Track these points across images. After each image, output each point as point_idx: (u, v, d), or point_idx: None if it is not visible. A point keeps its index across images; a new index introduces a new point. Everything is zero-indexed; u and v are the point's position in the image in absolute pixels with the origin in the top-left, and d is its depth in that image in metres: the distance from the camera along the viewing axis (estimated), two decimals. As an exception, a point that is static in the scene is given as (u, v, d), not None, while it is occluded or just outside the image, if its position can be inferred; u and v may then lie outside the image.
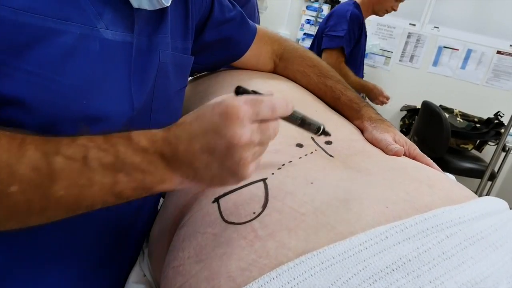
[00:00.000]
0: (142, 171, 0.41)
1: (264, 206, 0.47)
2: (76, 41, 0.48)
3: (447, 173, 0.71)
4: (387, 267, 0.38)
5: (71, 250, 0.58)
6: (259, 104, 0.40)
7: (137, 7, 0.53)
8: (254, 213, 0.47)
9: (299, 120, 0.50)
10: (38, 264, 0.56)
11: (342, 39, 2.16)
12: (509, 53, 3.05)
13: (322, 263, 0.38)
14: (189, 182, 0.43)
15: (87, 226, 0.58)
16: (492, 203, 0.50)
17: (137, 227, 0.68)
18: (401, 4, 2.31)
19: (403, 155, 0.64)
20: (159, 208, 0.75)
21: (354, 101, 0.80)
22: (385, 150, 0.64)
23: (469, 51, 3.15)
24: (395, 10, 2.30)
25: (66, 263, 0.58)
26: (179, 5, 0.67)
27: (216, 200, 0.52)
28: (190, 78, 1.03)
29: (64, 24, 0.47)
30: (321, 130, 0.52)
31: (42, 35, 0.45)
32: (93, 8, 0.50)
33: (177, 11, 0.67)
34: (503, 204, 0.52)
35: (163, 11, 0.61)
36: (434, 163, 0.65)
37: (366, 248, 0.40)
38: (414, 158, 0.65)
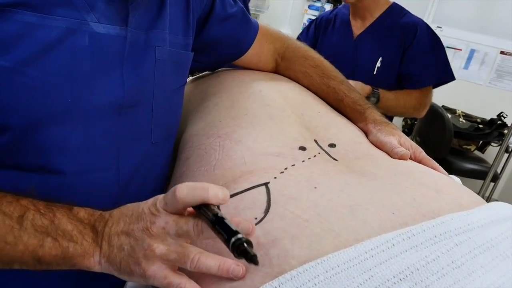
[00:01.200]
0: (70, 238, 0.42)
1: (266, 211, 0.46)
2: (61, 35, 0.47)
3: (452, 176, 0.70)
4: (394, 277, 0.37)
5: None
6: (168, 193, 0.41)
7: None
8: (255, 218, 0.45)
9: (212, 217, 0.38)
10: (32, 272, 0.55)
11: None
12: (513, 54, 3.03)
13: (327, 271, 0.37)
14: (105, 263, 0.43)
15: None
16: (501, 209, 0.49)
17: None
18: (404, 4, 2.27)
19: (409, 158, 0.63)
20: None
21: (358, 103, 0.78)
22: (391, 154, 0.63)
23: (472, 51, 3.13)
24: None
25: (64, 272, 0.57)
26: (180, 1, 0.66)
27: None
28: (190, 77, 1.01)
29: (47, 19, 0.45)
30: (234, 244, 0.36)
31: (23, 31, 0.44)
32: (84, 1, 0.49)
33: (177, 7, 0.65)
34: (512, 209, 0.51)
35: (160, 5, 0.60)
36: (440, 167, 0.63)
37: (372, 256, 0.38)
38: (420, 162, 0.64)
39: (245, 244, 0.36)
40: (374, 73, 1.52)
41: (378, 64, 1.52)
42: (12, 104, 0.45)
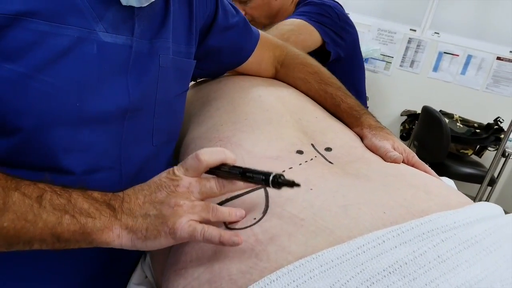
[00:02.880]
0: (88, 215, 0.44)
1: (265, 212, 0.48)
2: (72, 44, 0.49)
3: (445, 178, 0.72)
4: (384, 270, 0.39)
5: (69, 256, 0.58)
6: (186, 161, 0.48)
7: (125, 4, 0.54)
8: (254, 218, 0.48)
9: (238, 172, 0.46)
10: (37, 271, 0.57)
11: None
12: (509, 59, 3.06)
13: (321, 266, 0.40)
14: (127, 234, 0.46)
15: None
16: (487, 208, 0.51)
17: None
18: (402, 10, 2.30)
19: (402, 162, 0.66)
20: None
21: (354, 108, 0.81)
22: (384, 157, 0.65)
23: (469, 57, 3.16)
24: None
25: (71, 267, 0.60)
26: (183, 9, 0.69)
27: (218, 205, 0.53)
28: (192, 83, 1.04)
29: (60, 28, 0.48)
30: (271, 179, 0.43)
31: (37, 39, 0.46)
32: (93, 11, 0.51)
33: (181, 17, 0.68)
34: (498, 209, 0.53)
35: (164, 15, 0.62)
36: (432, 170, 0.66)
37: (364, 252, 0.41)
38: (412, 165, 0.66)
39: (281, 177, 0.43)
40: None
41: None
42: (25, 108, 0.47)
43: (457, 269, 0.40)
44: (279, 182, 0.43)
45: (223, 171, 0.48)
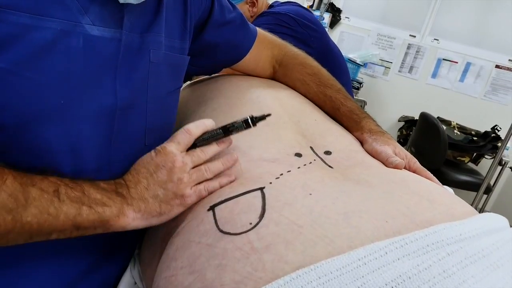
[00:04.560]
0: (103, 204, 0.49)
1: (261, 216, 0.46)
2: (55, 37, 0.46)
3: (445, 186, 0.70)
4: (386, 284, 0.37)
5: (57, 256, 0.56)
6: (176, 136, 0.55)
7: (123, 2, 0.52)
8: (250, 223, 0.45)
9: (220, 131, 0.56)
10: (23, 269, 0.54)
11: None
12: (508, 68, 3.06)
13: (319, 277, 0.37)
14: (141, 216, 0.51)
15: None
16: (493, 220, 0.49)
17: (130, 234, 0.66)
18: (402, 15, 2.29)
19: (403, 168, 0.64)
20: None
21: (354, 112, 0.79)
22: (386, 163, 0.63)
23: (468, 64, 3.16)
24: None
25: (52, 270, 0.57)
26: (177, 3, 0.66)
27: (212, 208, 0.50)
28: (188, 82, 1.02)
29: (42, 20, 0.45)
30: (250, 120, 0.54)
31: (18, 32, 0.44)
32: (78, 3, 0.48)
33: (174, 11, 0.65)
34: (504, 221, 0.51)
35: (156, 8, 0.60)
36: (434, 177, 0.64)
37: (365, 264, 0.39)
38: (414, 172, 0.64)
39: (255, 116, 0.55)
40: None
41: None
42: (6, 104, 0.45)
43: (463, 285, 0.38)
44: (255, 118, 0.54)
45: (206, 139, 0.56)
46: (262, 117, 0.54)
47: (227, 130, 0.55)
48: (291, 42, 1.05)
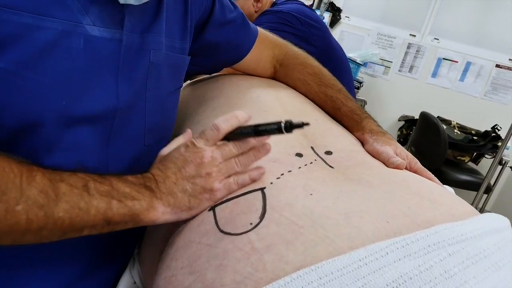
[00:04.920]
0: (132, 198, 0.47)
1: (262, 217, 0.46)
2: (56, 37, 0.46)
3: (446, 186, 0.70)
4: (387, 285, 0.37)
5: (55, 257, 0.56)
6: (204, 132, 0.52)
7: (123, 2, 0.52)
8: (251, 223, 0.45)
9: (251, 131, 0.52)
10: (23, 269, 0.54)
11: None
12: (508, 67, 3.06)
13: (320, 278, 0.37)
14: (171, 210, 0.50)
15: None
16: (495, 220, 0.49)
17: (131, 234, 0.66)
18: (402, 15, 2.29)
19: (404, 168, 0.63)
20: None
21: (355, 112, 0.79)
22: (387, 163, 0.63)
23: (468, 64, 3.16)
24: None
25: (50, 271, 0.57)
26: (178, 4, 0.66)
27: (212, 208, 0.50)
28: (188, 81, 1.02)
29: (43, 20, 0.45)
30: (283, 125, 0.48)
31: (19, 32, 0.44)
32: (78, 3, 0.48)
33: (175, 11, 0.65)
34: (505, 221, 0.51)
35: (157, 9, 0.60)
36: (435, 178, 0.64)
37: (366, 264, 0.38)
38: (415, 172, 0.64)
39: (291, 122, 0.48)
40: None
41: None
42: (7, 105, 0.45)
43: (465, 285, 0.38)
44: (291, 125, 0.48)
45: (237, 134, 0.52)
46: (300, 125, 0.48)
47: (258, 132, 0.51)
48: (293, 41, 1.05)
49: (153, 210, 0.48)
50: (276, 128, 0.49)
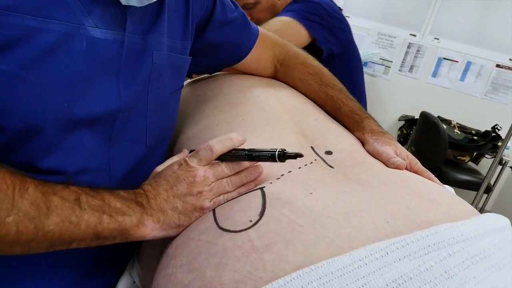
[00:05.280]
0: (123, 213, 0.48)
1: (261, 214, 0.46)
2: (59, 40, 0.46)
3: (446, 186, 0.70)
4: (387, 285, 0.37)
5: (54, 260, 0.56)
6: (198, 152, 0.53)
7: (125, 4, 0.52)
8: (250, 221, 0.45)
9: (245, 155, 0.53)
10: (24, 271, 0.54)
11: None
12: (508, 67, 3.05)
13: (320, 278, 0.37)
14: (160, 227, 0.50)
15: None
16: (495, 220, 0.49)
17: None
18: (402, 14, 2.27)
19: (405, 169, 0.63)
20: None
21: (355, 112, 0.78)
22: (387, 163, 0.63)
23: (468, 64, 3.15)
24: None
25: (50, 275, 0.56)
26: (179, 4, 0.66)
27: (212, 206, 0.50)
28: (188, 80, 1.01)
29: (46, 22, 0.45)
30: (280, 155, 0.50)
31: (22, 35, 0.43)
32: (81, 5, 0.48)
33: (176, 11, 0.65)
34: (506, 221, 0.51)
35: (159, 9, 0.59)
36: (435, 178, 0.64)
37: (366, 264, 0.38)
38: (415, 172, 0.64)
39: (285, 150, 0.51)
40: None
41: None
42: (9, 108, 0.45)
43: (465, 286, 0.38)
44: (285, 155, 0.50)
45: (231, 156, 0.53)
46: (293, 156, 0.50)
47: (251, 157, 0.53)
48: (321, 32, 1.07)
49: (142, 226, 0.49)
50: (269, 156, 0.51)
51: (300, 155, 0.50)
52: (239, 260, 0.41)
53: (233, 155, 0.53)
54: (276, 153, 0.50)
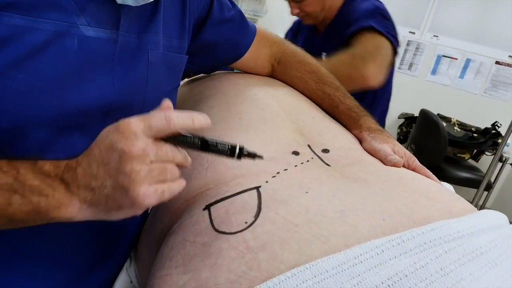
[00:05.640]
0: (39, 193, 0.40)
1: (257, 215, 0.46)
2: (49, 39, 0.46)
3: (444, 183, 0.70)
4: (382, 283, 0.36)
5: (51, 259, 0.56)
6: (150, 117, 0.41)
7: (121, 3, 0.51)
8: (246, 222, 0.45)
9: (198, 142, 0.44)
10: (19, 270, 0.54)
11: None
12: (508, 64, 3.05)
13: (315, 276, 0.37)
14: (87, 208, 0.42)
15: (73, 230, 0.56)
16: (492, 217, 0.49)
17: (127, 233, 0.66)
18: (401, 12, 2.27)
19: (402, 166, 0.63)
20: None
21: (353, 110, 0.78)
22: (384, 161, 0.63)
23: (467, 61, 3.15)
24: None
25: (46, 273, 0.56)
26: (175, 3, 0.65)
27: (207, 207, 0.50)
28: (186, 79, 1.01)
29: (36, 21, 0.45)
30: (237, 151, 0.44)
31: (10, 34, 0.43)
32: (74, 4, 0.48)
33: (173, 9, 0.65)
34: (503, 218, 0.51)
35: (154, 8, 0.59)
36: (433, 175, 0.63)
37: (361, 262, 0.38)
38: (413, 170, 0.64)
39: (243, 149, 0.44)
40: None
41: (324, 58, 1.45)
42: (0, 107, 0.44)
43: (461, 283, 0.37)
44: (242, 153, 0.44)
45: (182, 140, 0.43)
46: (252, 155, 0.45)
47: (206, 146, 0.44)
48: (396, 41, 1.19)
49: (65, 207, 0.41)
50: (226, 150, 0.44)
51: (260, 157, 0.45)
52: (234, 260, 0.41)
53: (185, 140, 0.43)
54: (237, 148, 0.44)
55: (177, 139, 0.43)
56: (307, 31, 1.65)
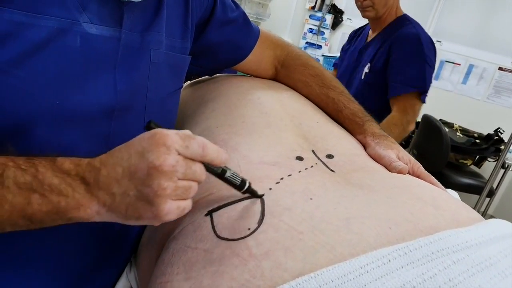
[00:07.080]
0: (59, 193, 0.39)
1: (260, 222, 0.45)
2: (50, 36, 0.45)
3: (450, 190, 0.69)
4: (389, 294, 0.35)
5: (52, 261, 0.55)
6: (190, 139, 0.41)
7: None
8: (249, 229, 0.44)
9: (219, 171, 0.46)
10: (19, 273, 0.53)
11: None
12: (511, 70, 3.04)
13: (320, 286, 0.36)
14: (106, 212, 0.41)
15: (76, 234, 0.55)
16: (500, 226, 0.48)
17: (128, 238, 0.65)
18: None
19: (407, 173, 0.62)
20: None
21: (357, 115, 0.77)
22: (389, 167, 0.62)
23: (470, 66, 3.14)
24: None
25: (47, 276, 0.55)
26: (179, 3, 0.65)
27: (209, 213, 0.49)
28: (188, 82, 1.01)
29: (37, 18, 0.44)
30: (245, 187, 0.48)
31: (10, 30, 0.43)
32: (76, 1, 0.47)
33: (176, 9, 0.64)
34: (511, 227, 0.50)
35: (157, 7, 0.59)
36: (438, 182, 0.62)
37: (367, 272, 0.37)
38: (418, 177, 0.63)
39: (250, 187, 0.48)
40: (362, 77, 1.67)
41: (366, 70, 1.65)
42: (1, 105, 0.44)
43: (470, 294, 0.36)
44: (248, 190, 0.48)
45: (205, 165, 0.44)
46: (255, 194, 0.49)
47: (223, 176, 0.46)
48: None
49: (84, 208, 0.40)
50: (237, 184, 0.47)
51: (261, 196, 0.49)
52: (237, 268, 0.40)
53: (207, 167, 0.44)
54: (246, 184, 0.48)
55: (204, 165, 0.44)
56: (357, 39, 1.87)
